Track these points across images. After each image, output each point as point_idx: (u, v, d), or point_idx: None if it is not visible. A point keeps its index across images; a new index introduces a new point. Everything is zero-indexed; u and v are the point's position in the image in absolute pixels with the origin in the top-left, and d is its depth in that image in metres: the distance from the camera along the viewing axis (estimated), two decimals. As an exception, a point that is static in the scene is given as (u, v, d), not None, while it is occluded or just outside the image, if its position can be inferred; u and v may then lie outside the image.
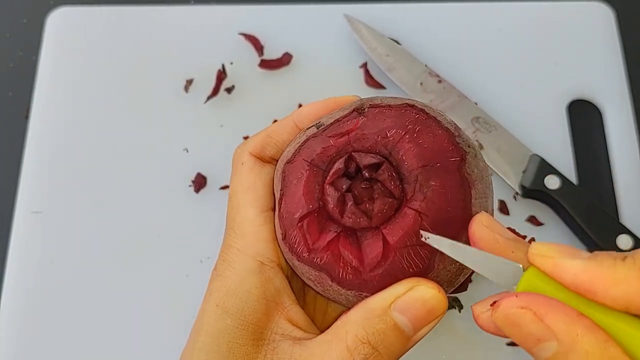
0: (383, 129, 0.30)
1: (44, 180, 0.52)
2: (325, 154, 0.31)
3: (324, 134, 0.31)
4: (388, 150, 0.30)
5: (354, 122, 0.31)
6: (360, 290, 0.29)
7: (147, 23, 0.58)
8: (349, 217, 0.29)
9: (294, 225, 0.30)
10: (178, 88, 0.55)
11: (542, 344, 0.23)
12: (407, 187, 0.29)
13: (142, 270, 0.49)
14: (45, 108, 0.54)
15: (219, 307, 0.31)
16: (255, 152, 0.34)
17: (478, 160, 0.31)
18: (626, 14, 0.59)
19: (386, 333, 0.28)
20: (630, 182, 0.52)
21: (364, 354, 0.28)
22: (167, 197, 0.51)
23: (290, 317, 0.31)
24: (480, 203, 0.30)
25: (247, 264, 0.31)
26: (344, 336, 0.28)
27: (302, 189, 0.30)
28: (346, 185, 0.30)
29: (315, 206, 0.30)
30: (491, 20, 0.58)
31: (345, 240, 0.29)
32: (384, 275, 0.29)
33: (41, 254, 0.49)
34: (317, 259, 0.30)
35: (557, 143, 0.53)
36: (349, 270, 0.29)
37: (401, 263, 0.28)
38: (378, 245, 0.29)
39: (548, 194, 0.49)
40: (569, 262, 0.23)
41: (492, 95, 0.55)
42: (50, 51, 0.57)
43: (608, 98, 0.55)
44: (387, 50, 0.54)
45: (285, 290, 0.32)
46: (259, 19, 0.57)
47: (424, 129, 0.30)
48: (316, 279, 0.30)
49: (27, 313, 0.48)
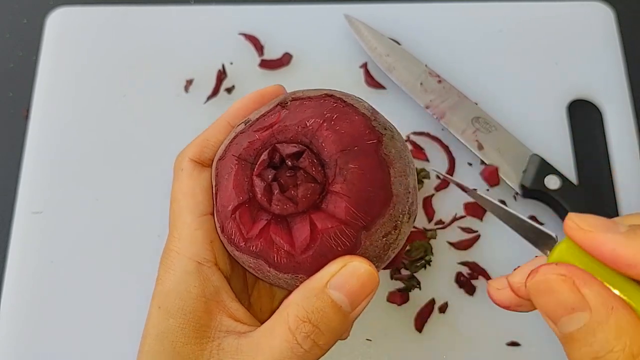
0: (303, 120, 0.32)
1: (44, 181, 0.52)
2: (251, 148, 0.32)
3: (250, 129, 0.33)
4: (308, 139, 0.31)
5: (277, 116, 0.32)
6: (296, 272, 0.31)
7: (147, 23, 0.58)
8: (276, 204, 0.31)
9: (229, 217, 0.32)
10: (178, 88, 0.55)
11: (574, 314, 0.23)
12: (329, 171, 0.31)
13: (142, 271, 0.49)
14: (45, 108, 0.54)
15: (161, 309, 0.32)
16: (194, 157, 0.35)
17: (395, 141, 0.32)
18: (626, 13, 0.59)
19: (325, 310, 0.29)
20: (631, 182, 0.52)
21: (305, 332, 0.29)
22: (167, 197, 0.51)
23: (232, 313, 0.32)
24: (400, 181, 0.31)
25: (185, 265, 0.32)
26: (285, 318, 0.29)
27: (232, 183, 0.32)
28: (272, 175, 0.31)
29: (246, 197, 0.31)
30: (491, 20, 0.58)
31: (276, 226, 0.31)
32: (315, 256, 0.30)
33: (41, 254, 0.49)
34: (252, 246, 0.31)
35: (557, 143, 0.53)
36: (282, 255, 0.31)
37: (329, 243, 0.30)
38: (306, 228, 0.30)
39: (548, 193, 0.49)
40: (608, 236, 0.23)
41: (493, 95, 0.55)
42: (50, 51, 0.57)
43: (608, 98, 0.55)
44: (387, 50, 0.54)
45: (224, 288, 0.33)
46: (259, 19, 0.57)
47: (341, 116, 0.31)
48: (255, 266, 0.32)
49: (27, 313, 0.48)
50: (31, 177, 0.52)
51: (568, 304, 0.24)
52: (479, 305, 0.48)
